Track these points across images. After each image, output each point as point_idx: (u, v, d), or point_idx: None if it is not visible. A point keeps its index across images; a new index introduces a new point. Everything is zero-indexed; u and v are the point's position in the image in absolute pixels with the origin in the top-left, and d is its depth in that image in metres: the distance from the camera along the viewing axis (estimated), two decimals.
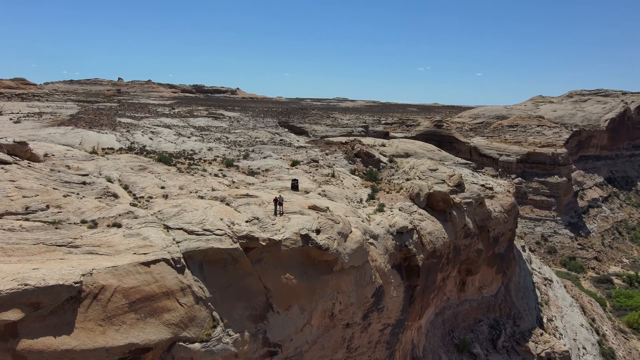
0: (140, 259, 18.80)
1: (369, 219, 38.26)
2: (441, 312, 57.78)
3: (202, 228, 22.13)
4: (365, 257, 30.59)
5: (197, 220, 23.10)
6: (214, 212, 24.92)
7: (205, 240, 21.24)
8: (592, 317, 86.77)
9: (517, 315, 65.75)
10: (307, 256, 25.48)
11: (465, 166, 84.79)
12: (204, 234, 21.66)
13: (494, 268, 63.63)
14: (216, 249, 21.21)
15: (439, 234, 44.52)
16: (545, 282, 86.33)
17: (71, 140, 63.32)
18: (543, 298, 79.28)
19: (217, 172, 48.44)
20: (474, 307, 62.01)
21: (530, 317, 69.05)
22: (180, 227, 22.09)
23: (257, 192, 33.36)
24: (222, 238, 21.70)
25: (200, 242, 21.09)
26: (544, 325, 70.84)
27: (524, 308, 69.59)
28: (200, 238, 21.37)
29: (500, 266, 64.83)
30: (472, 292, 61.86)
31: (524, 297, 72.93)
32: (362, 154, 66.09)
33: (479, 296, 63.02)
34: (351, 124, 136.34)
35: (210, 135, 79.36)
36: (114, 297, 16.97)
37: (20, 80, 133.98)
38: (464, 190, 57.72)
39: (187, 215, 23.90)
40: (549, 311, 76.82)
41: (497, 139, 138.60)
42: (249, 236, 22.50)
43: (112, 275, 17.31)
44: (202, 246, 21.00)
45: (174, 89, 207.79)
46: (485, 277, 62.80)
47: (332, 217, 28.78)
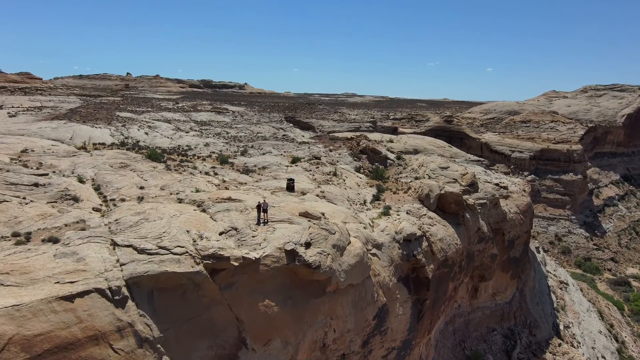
0: (62, 292, 14.09)
1: (372, 225, 33.16)
2: (452, 320, 52.46)
3: (157, 245, 17.35)
4: (366, 272, 25.56)
5: (155, 234, 18.32)
6: (181, 223, 20.10)
7: (158, 261, 16.45)
8: (611, 323, 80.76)
9: (534, 323, 60.25)
10: (293, 276, 20.55)
11: (478, 163, 79.06)
12: (158, 253, 16.87)
13: (508, 273, 58.16)
14: (171, 273, 16.42)
15: (451, 240, 39.25)
16: (561, 286, 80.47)
17: (62, 135, 58.89)
18: (559, 303, 73.52)
19: (209, 169, 43.70)
20: (487, 314, 56.64)
21: (546, 324, 63.50)
22: (130, 244, 17.31)
23: (243, 195, 28.45)
24: (182, 258, 16.91)
25: (150, 265, 16.32)
26: (561, 333, 65.25)
27: (540, 315, 64.03)
28: (152, 259, 16.60)
29: (515, 271, 59.33)
30: (485, 299, 56.50)
31: (539, 303, 67.33)
32: (368, 150, 60.84)
33: (493, 303, 57.63)
34: (359, 119, 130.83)
35: (210, 130, 74.64)
36: (6, 352, 12.22)
37: (26, 74, 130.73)
38: (478, 190, 52.29)
39: (146, 227, 19.12)
40: (566, 317, 71.10)
41: (509, 135, 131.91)
42: (216, 255, 17.65)
43: (9, 318, 12.58)
44: (152, 270, 16.23)
45: (182, 84, 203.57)
46: (499, 283, 57.37)
47: (326, 227, 23.76)
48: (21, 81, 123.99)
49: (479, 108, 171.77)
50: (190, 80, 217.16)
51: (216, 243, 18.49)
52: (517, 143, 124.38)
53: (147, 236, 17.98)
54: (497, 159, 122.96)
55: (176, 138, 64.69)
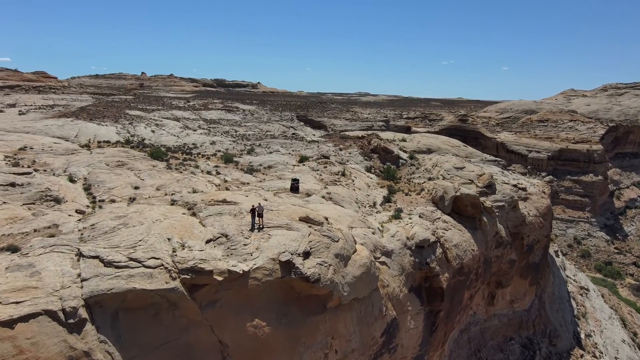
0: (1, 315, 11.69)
1: (382, 229, 30.31)
2: (466, 328, 49.18)
3: (128, 256, 14.90)
4: (374, 283, 22.75)
5: (130, 242, 15.88)
6: (162, 229, 17.62)
7: (126, 276, 13.99)
8: (634, 331, 76.16)
9: (554, 332, 56.56)
10: (288, 290, 17.90)
11: (494, 164, 75.34)
12: (127, 267, 14.42)
13: (527, 279, 54.60)
14: (140, 290, 13.93)
15: (467, 246, 36.14)
16: (581, 292, 76.23)
17: (67, 133, 57.33)
18: (580, 310, 69.43)
19: (212, 169, 41.39)
20: (504, 323, 53.18)
21: (567, 333, 59.70)
22: (97, 255, 14.88)
23: (241, 197, 25.88)
24: (155, 272, 14.42)
25: (117, 281, 13.87)
26: (582, 343, 61.35)
27: (560, 323, 60.24)
28: (119, 273, 14.15)
29: (534, 277, 55.73)
30: (502, 306, 53.06)
31: (559, 310, 63.49)
32: (379, 150, 57.85)
33: (510, 311, 54.14)
34: (371, 118, 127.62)
35: (218, 128, 72.50)
36: None
37: (41, 73, 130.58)
38: (495, 191, 48.95)
39: (122, 234, 16.70)
40: (587, 325, 67.02)
41: (526, 134, 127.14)
42: (196, 268, 15.11)
43: None
44: (118, 287, 13.77)
45: (196, 83, 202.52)
46: (517, 290, 53.86)
47: (328, 234, 21.02)
48: (36, 80, 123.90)
49: (495, 107, 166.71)
50: (204, 79, 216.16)
51: (199, 254, 15.95)
52: (534, 143, 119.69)
53: (120, 245, 15.56)
54: (513, 159, 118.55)
55: (183, 136, 62.70)
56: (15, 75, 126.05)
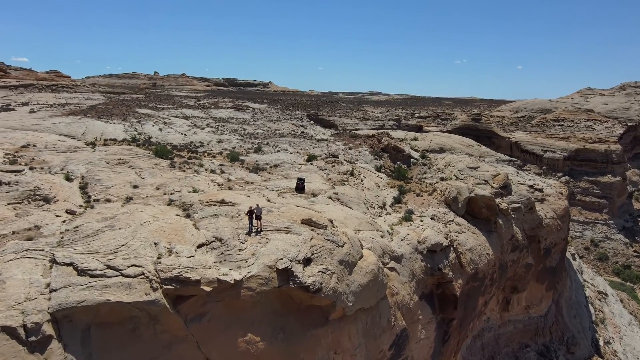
0: None
1: (391, 232, 28.42)
2: (480, 334, 46.92)
3: (106, 263, 13.36)
4: (382, 292, 20.89)
5: (111, 247, 14.34)
6: (150, 232, 16.07)
7: (101, 287, 12.44)
8: None
9: (571, 339, 53.93)
10: (286, 301, 16.19)
11: (509, 163, 72.64)
12: (103, 276, 12.87)
13: (544, 284, 52.11)
14: (115, 303, 12.36)
15: (482, 250, 34.03)
16: (599, 296, 73.12)
17: (74, 131, 56.55)
18: (598, 316, 66.46)
19: (217, 167, 39.91)
20: (520, 329, 50.77)
21: (585, 340, 56.98)
22: (71, 262, 13.36)
23: (241, 197, 24.25)
24: (134, 282, 12.84)
25: (89, 292, 12.33)
26: (601, 350, 58.58)
27: (578, 330, 57.53)
28: (93, 283, 12.61)
29: (551, 282, 53.19)
30: (517, 312, 50.64)
31: (577, 316, 60.71)
32: (390, 149, 55.85)
33: (526, 316, 51.69)
34: (382, 117, 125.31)
35: (227, 126, 71.20)
36: None
37: (55, 72, 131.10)
38: (511, 192, 46.62)
39: (105, 237, 15.19)
40: (606, 332, 64.08)
41: (542, 133, 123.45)
42: (181, 278, 13.48)
43: None
44: (90, 299, 12.22)
45: (207, 82, 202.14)
46: (533, 295, 51.40)
47: (332, 238, 19.24)
48: (50, 79, 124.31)
49: (509, 106, 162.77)
50: (216, 78, 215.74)
51: (186, 260, 14.33)
52: (550, 142, 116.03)
53: (99, 250, 14.05)
54: (527, 159, 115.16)
55: (190, 134, 61.50)
56: (30, 74, 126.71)
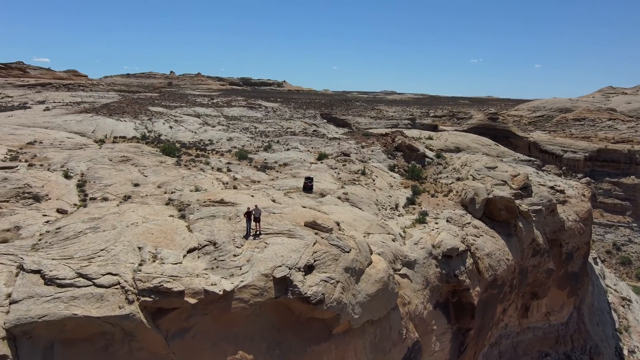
0: None
1: (403, 235, 26.48)
2: (497, 342, 44.48)
3: (78, 271, 11.87)
4: (392, 302, 19.02)
5: (89, 252, 12.88)
6: (135, 235, 14.58)
7: (68, 298, 10.93)
8: None
9: (594, 349, 51.02)
10: (285, 313, 14.49)
11: (528, 164, 69.72)
12: (72, 285, 11.38)
13: (565, 290, 49.36)
14: (82, 318, 10.82)
15: (501, 255, 31.80)
16: (623, 303, 69.62)
17: (84, 128, 55.98)
18: (621, 323, 63.15)
19: (223, 165, 38.50)
20: (539, 337, 48.12)
21: (608, 349, 53.97)
22: (39, 269, 11.91)
23: (244, 197, 22.65)
24: (107, 294, 11.32)
25: (54, 304, 10.83)
26: None
27: (601, 338, 54.51)
28: (60, 294, 11.12)
29: (573, 288, 50.38)
30: (536, 319, 48.03)
31: (599, 324, 57.63)
32: (403, 147, 53.73)
33: (546, 324, 49.01)
34: (397, 116, 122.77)
35: (238, 124, 69.96)
36: None
37: (72, 72, 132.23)
38: (532, 194, 44.10)
39: (85, 240, 13.75)
40: (630, 340, 60.80)
41: (561, 133, 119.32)
42: (161, 289, 11.90)
43: None
44: (54, 312, 10.73)
45: (222, 81, 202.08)
46: (554, 302, 48.70)
47: (338, 242, 17.45)
48: (67, 78, 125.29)
49: (527, 105, 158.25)
50: (230, 78, 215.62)
51: (170, 268, 12.76)
52: (570, 142, 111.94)
53: (74, 255, 12.60)
54: (546, 160, 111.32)
55: (200, 132, 60.39)
56: (48, 73, 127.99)
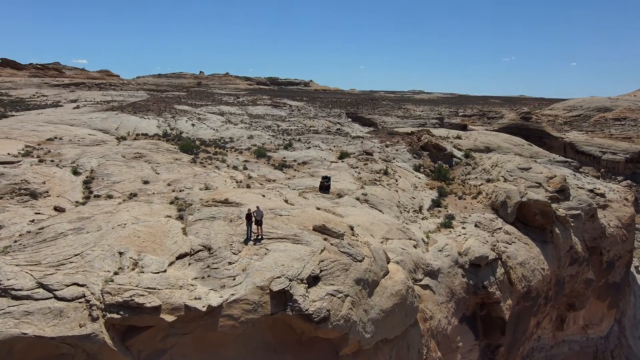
0: None
1: (427, 241, 24.09)
2: (529, 355, 41.14)
3: (40, 280, 10.30)
4: (411, 317, 16.74)
5: (60, 258, 11.38)
6: (119, 238, 13.03)
7: (21, 314, 9.33)
8: None
9: None
10: (283, 331, 12.55)
11: (564, 165, 65.15)
12: (29, 297, 9.80)
13: (605, 302, 45.41)
14: (34, 338, 9.19)
15: (536, 264, 28.81)
16: None
17: (108, 125, 55.89)
18: None
19: (240, 163, 37.04)
20: (576, 351, 44.42)
21: None
22: None
23: (252, 197, 20.89)
24: (68, 309, 9.69)
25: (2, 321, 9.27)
26: None
27: None
28: (11, 308, 9.56)
29: (614, 299, 46.33)
30: (573, 332, 44.36)
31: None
32: (430, 147, 50.89)
33: (583, 337, 45.23)
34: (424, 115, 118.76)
35: (260, 122, 68.69)
36: None
37: (105, 72, 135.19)
38: (569, 197, 40.58)
39: (58, 244, 12.30)
40: None
41: (600, 133, 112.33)
42: (132, 304, 10.18)
43: None
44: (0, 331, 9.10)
45: (250, 81, 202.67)
46: (593, 314, 44.88)
47: (348, 250, 15.36)
48: (100, 78, 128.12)
49: (562, 104, 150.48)
50: (258, 77, 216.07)
51: (148, 278, 11.04)
52: (609, 143, 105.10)
53: (43, 261, 11.11)
54: (583, 161, 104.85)
55: (222, 130, 59.39)
56: (82, 73, 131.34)
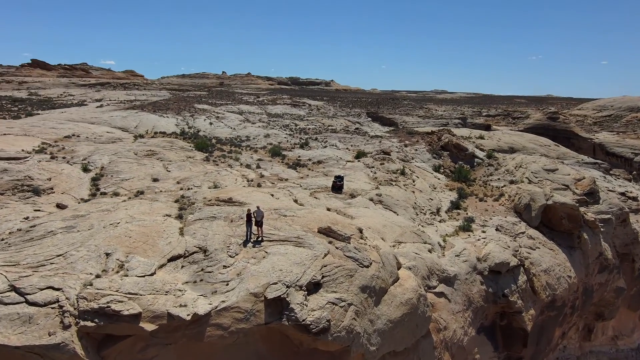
0: None
1: (443, 245, 22.68)
2: None
3: (12, 282, 9.61)
4: (422, 328, 15.47)
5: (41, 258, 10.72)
6: (108, 237, 12.35)
7: None
8: None
9: None
10: (279, 342, 11.55)
11: (594, 167, 62.03)
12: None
13: (637, 312, 42.73)
14: None
15: (562, 272, 26.94)
16: None
17: (128, 123, 56.31)
18: None
19: (254, 162, 36.34)
20: None
21: None
22: None
23: (260, 196, 20.02)
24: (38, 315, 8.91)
25: None
26: None
27: None
28: None
29: None
30: (601, 343, 41.87)
31: None
32: (450, 146, 49.08)
33: (612, 348, 42.67)
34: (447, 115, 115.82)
35: (278, 121, 68.10)
36: None
37: (130, 72, 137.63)
38: (599, 201, 38.22)
39: (43, 244, 11.69)
40: None
41: (632, 134, 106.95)
42: (108, 311, 9.36)
43: None
44: None
45: (271, 81, 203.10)
46: (622, 324, 42.26)
47: (355, 254, 14.22)
48: (125, 78, 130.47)
49: (592, 104, 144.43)
50: (279, 77, 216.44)
51: (131, 282, 10.22)
52: None
53: (22, 262, 10.46)
54: (614, 163, 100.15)
55: (239, 128, 59.03)
56: (108, 74, 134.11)
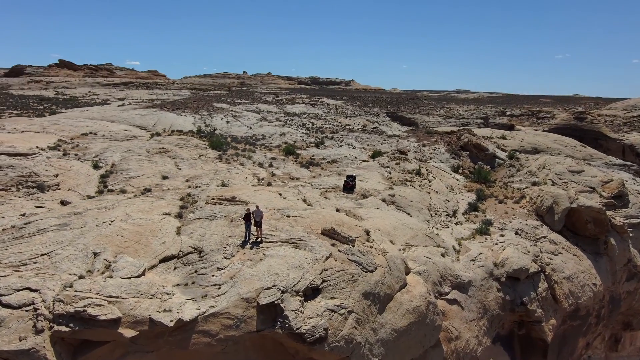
0: None
1: (458, 249, 21.52)
2: None
3: None
4: (432, 338, 14.47)
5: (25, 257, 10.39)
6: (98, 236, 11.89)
7: None
8: None
9: None
10: (273, 350, 10.80)
11: (623, 169, 59.05)
12: None
13: None
14: None
15: (586, 279, 25.33)
16: None
17: (146, 122, 56.90)
18: None
19: (267, 160, 35.84)
20: None
21: None
22: None
23: (267, 195, 19.36)
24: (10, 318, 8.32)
25: None
26: None
27: None
28: None
29: None
30: (629, 353, 39.59)
31: None
32: (470, 147, 47.45)
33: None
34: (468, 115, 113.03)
35: (295, 120, 67.56)
36: None
37: (153, 72, 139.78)
38: (628, 204, 36.14)
39: (30, 242, 11.33)
40: None
41: None
42: (84, 316, 8.79)
43: None
44: None
45: (291, 80, 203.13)
46: None
47: (358, 258, 13.35)
48: (147, 78, 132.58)
49: (622, 104, 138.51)
50: (299, 77, 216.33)
51: (114, 284, 9.65)
52: None
53: (5, 260, 10.03)
54: None
55: (255, 127, 58.76)
56: (131, 74, 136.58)
